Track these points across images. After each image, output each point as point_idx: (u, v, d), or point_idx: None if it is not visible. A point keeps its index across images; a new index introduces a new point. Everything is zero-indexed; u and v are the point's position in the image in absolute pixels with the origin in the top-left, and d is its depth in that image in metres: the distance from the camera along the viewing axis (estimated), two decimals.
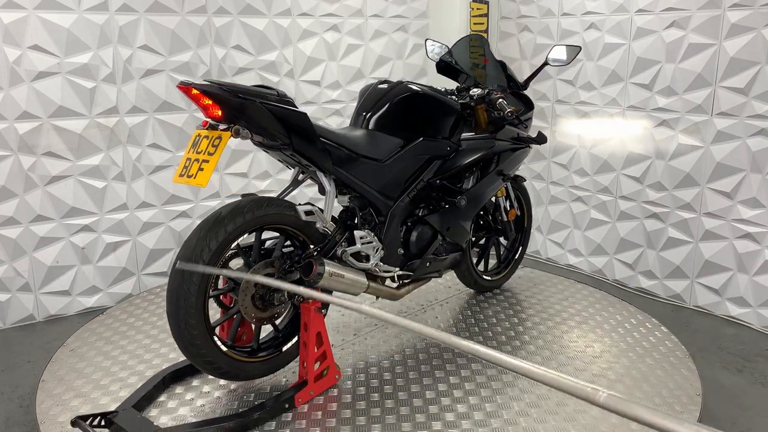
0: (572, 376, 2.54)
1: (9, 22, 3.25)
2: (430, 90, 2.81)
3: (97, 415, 2.24)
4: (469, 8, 4.48)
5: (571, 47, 3.02)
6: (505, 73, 3.10)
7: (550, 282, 3.74)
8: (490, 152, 3.02)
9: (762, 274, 3.41)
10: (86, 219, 3.62)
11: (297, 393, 2.36)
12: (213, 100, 2.10)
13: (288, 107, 2.26)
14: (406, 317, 3.12)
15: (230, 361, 2.31)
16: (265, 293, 2.35)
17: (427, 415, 2.32)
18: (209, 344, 2.22)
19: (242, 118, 2.16)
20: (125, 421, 2.20)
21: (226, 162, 4.01)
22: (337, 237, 2.50)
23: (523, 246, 3.69)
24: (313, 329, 2.36)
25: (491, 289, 3.56)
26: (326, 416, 2.32)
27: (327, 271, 2.32)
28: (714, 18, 3.42)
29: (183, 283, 2.14)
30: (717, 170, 3.52)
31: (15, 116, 3.34)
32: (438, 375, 2.61)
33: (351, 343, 2.91)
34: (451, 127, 2.85)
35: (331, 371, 2.49)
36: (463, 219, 2.97)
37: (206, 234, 2.18)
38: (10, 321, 3.52)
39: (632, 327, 3.02)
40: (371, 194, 2.61)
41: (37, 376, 2.81)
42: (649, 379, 2.53)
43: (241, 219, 2.23)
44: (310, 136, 2.32)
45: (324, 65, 4.26)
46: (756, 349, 3.27)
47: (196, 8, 3.75)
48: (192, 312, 2.15)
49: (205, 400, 2.48)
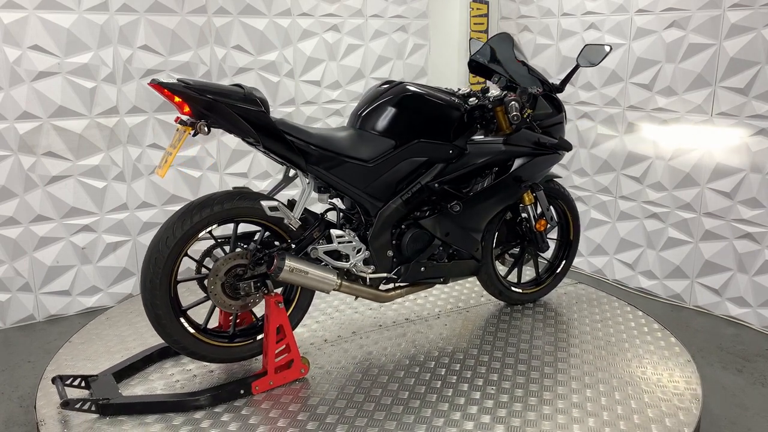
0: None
1: (9, 22, 3.25)
2: (430, 91, 2.71)
3: (78, 376, 2.40)
4: (469, 8, 4.48)
5: (600, 46, 2.83)
6: (536, 75, 2.94)
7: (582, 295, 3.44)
8: (499, 157, 2.83)
9: (762, 274, 3.41)
10: (86, 219, 3.62)
11: (256, 381, 2.43)
12: (180, 98, 2.23)
13: (247, 106, 2.30)
14: (408, 322, 3.12)
15: (196, 342, 2.44)
16: (232, 282, 2.44)
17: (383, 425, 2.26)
18: (174, 324, 2.38)
19: (209, 115, 2.28)
20: (97, 385, 2.38)
21: (226, 162, 4.01)
22: (315, 234, 2.53)
23: (567, 260, 3.36)
24: (274, 322, 2.43)
25: (523, 302, 3.28)
26: (278, 407, 2.36)
27: (287, 266, 2.38)
28: (714, 18, 3.42)
29: (149, 264, 2.31)
30: (717, 170, 3.52)
31: (15, 116, 3.34)
32: (419, 390, 2.46)
33: (344, 340, 2.91)
34: (455, 130, 2.73)
35: (296, 364, 2.51)
36: (467, 225, 2.84)
37: (174, 222, 2.33)
38: (10, 321, 3.52)
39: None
40: (356, 194, 2.60)
41: (37, 376, 2.81)
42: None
43: (208, 210, 2.35)
44: (274, 134, 2.38)
45: (324, 65, 4.26)
46: (756, 349, 3.27)
47: (196, 8, 3.75)
48: (156, 293, 2.32)
49: (183, 377, 2.56)
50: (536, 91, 2.86)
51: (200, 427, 2.23)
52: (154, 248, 2.31)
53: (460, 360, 2.70)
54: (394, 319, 3.11)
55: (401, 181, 2.67)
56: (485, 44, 2.98)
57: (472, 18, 4.51)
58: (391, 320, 3.09)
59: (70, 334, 3.04)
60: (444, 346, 2.82)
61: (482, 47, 2.98)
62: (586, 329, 3.00)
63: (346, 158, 2.53)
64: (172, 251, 2.32)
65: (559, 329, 3.01)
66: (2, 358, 3.19)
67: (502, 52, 2.93)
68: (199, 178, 3.91)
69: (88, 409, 2.27)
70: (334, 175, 2.52)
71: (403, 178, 2.67)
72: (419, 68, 4.66)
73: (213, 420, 2.28)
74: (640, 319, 3.09)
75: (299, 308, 2.68)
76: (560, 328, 3.02)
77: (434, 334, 2.94)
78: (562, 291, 3.47)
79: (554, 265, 3.37)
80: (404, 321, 3.09)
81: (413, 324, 3.05)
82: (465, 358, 2.71)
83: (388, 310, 3.21)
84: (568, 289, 3.51)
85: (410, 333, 2.96)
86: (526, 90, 2.76)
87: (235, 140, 3.96)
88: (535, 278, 3.35)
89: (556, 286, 3.40)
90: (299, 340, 2.87)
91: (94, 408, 2.28)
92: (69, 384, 2.38)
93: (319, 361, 2.71)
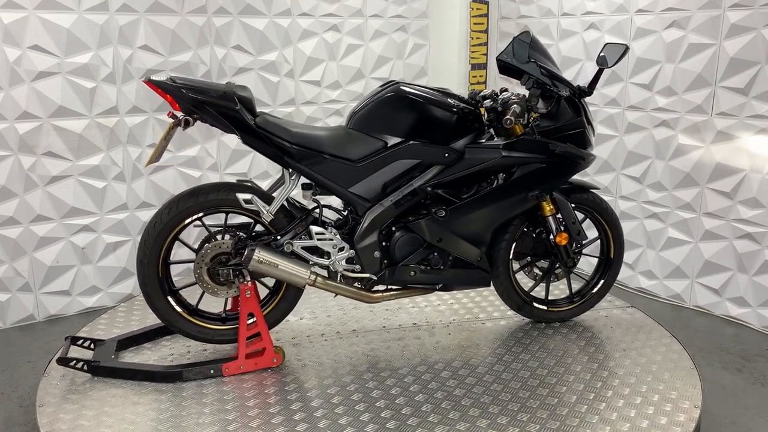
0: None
1: (9, 22, 3.25)
2: (423, 92, 2.64)
3: (88, 339, 2.73)
4: (469, 8, 4.48)
5: (618, 45, 2.67)
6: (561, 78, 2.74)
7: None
8: (498, 163, 2.64)
9: (762, 274, 3.41)
10: (86, 219, 3.62)
11: (227, 363, 2.57)
12: (169, 96, 2.44)
13: (220, 102, 2.45)
14: (415, 327, 3.11)
15: (183, 321, 2.65)
16: (215, 269, 2.59)
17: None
18: (161, 302, 2.60)
19: (195, 111, 2.47)
20: (100, 349, 2.68)
21: (226, 162, 4.01)
22: (298, 229, 2.62)
23: (604, 280, 3.05)
24: (244, 309, 2.57)
25: (548, 320, 3.03)
26: (243, 391, 2.46)
27: (256, 257, 2.50)
28: (714, 18, 3.42)
29: (140, 246, 2.57)
30: (717, 170, 3.52)
31: (15, 116, 3.34)
32: (400, 401, 2.38)
33: (339, 337, 2.92)
34: (450, 132, 2.63)
35: (268, 353, 2.61)
36: (462, 232, 2.70)
37: (163, 209, 2.55)
38: (10, 321, 3.52)
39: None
40: (341, 193, 2.63)
41: (37, 376, 2.81)
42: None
43: (194, 200, 2.53)
44: (249, 131, 2.51)
45: (324, 65, 4.26)
46: (756, 349, 3.27)
47: (196, 8, 3.75)
48: (145, 272, 2.56)
49: (178, 353, 2.76)
50: (560, 93, 2.66)
51: (182, 395, 2.42)
52: (144, 232, 2.56)
53: (437, 373, 2.57)
54: (401, 322, 3.05)
55: (392, 183, 2.63)
56: (510, 43, 2.74)
57: (472, 18, 4.51)
58: (397, 324, 3.04)
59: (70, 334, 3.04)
60: (434, 357, 2.71)
61: (507, 46, 2.76)
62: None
63: (329, 157, 2.58)
64: (159, 235, 2.54)
65: (568, 353, 2.76)
66: (2, 358, 3.19)
67: (530, 51, 2.70)
68: (199, 178, 3.91)
69: (81, 368, 2.53)
70: (318, 172, 2.59)
71: (394, 179, 2.63)
72: (419, 68, 4.66)
73: (195, 391, 2.47)
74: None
75: (285, 300, 2.75)
76: (571, 353, 2.76)
77: (431, 344, 2.83)
78: (603, 314, 3.14)
79: (590, 284, 3.09)
80: (411, 326, 3.01)
81: (417, 330, 2.98)
82: (443, 369, 2.60)
83: (402, 312, 3.14)
84: (613, 313, 3.15)
85: (408, 338, 2.90)
86: (536, 93, 2.63)
87: (234, 140, 3.97)
88: (568, 296, 3.09)
89: (592, 308, 3.10)
90: (298, 331, 2.96)
91: (85, 367, 2.54)
92: (80, 344, 2.70)
93: (302, 353, 2.77)
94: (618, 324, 2.99)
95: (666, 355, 2.72)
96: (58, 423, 2.27)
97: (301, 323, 3.04)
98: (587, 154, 2.76)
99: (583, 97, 2.74)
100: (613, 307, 2.79)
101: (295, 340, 2.88)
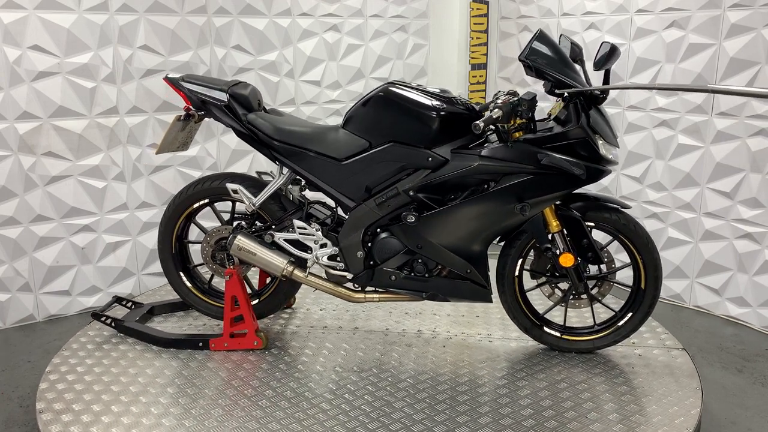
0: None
1: (9, 22, 3.25)
2: (410, 93, 2.53)
3: (132, 301, 3.18)
4: (469, 8, 4.48)
5: (605, 44, 2.52)
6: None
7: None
8: (473, 171, 2.46)
9: (762, 274, 3.41)
10: (86, 219, 3.62)
11: (213, 339, 2.81)
12: (181, 93, 2.78)
13: (212, 99, 2.70)
14: (416, 335, 3.11)
15: (192, 296, 2.99)
16: (215, 251, 2.86)
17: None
18: (173, 276, 2.97)
19: (202, 108, 2.77)
20: (134, 311, 3.10)
21: (226, 162, 4.01)
22: (285, 222, 2.77)
23: (633, 314, 2.69)
24: (229, 292, 2.77)
25: (563, 349, 2.75)
26: (221, 371, 2.63)
27: (236, 244, 2.72)
28: (714, 18, 3.42)
29: (160, 225, 2.92)
30: (717, 170, 3.52)
31: (15, 116, 3.34)
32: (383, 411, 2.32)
33: (336, 332, 2.95)
34: (434, 136, 2.50)
35: (249, 335, 2.79)
36: (441, 241, 2.55)
37: (176, 194, 2.88)
38: (10, 321, 3.52)
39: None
40: (327, 190, 2.70)
41: (37, 376, 2.81)
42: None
43: (199, 187, 2.82)
44: (237, 127, 2.73)
45: (324, 65, 4.26)
46: (756, 349, 3.27)
47: (196, 8, 3.75)
48: (162, 248, 2.93)
49: (187, 325, 3.06)
50: (573, 100, 2.44)
51: (179, 401, 2.43)
52: (163, 213, 2.90)
53: (406, 390, 2.47)
54: (405, 327, 3.01)
55: (377, 184, 2.59)
56: (528, 44, 2.47)
57: (472, 18, 4.51)
58: (401, 328, 3.00)
59: (71, 334, 3.04)
60: (412, 371, 2.60)
61: (525, 47, 2.47)
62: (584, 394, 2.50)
63: (315, 154, 2.65)
64: (171, 216, 2.88)
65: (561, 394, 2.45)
66: (2, 358, 3.19)
67: (549, 50, 2.48)
68: None
69: (109, 324, 2.95)
70: (305, 169, 2.69)
71: (379, 180, 2.58)
72: (419, 68, 4.66)
73: (186, 356, 2.74)
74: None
75: (279, 290, 2.93)
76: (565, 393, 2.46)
77: (415, 355, 2.73)
78: (637, 351, 2.78)
79: (616, 315, 2.75)
80: (414, 333, 2.94)
81: (417, 338, 2.89)
82: (415, 384, 2.50)
83: (413, 317, 3.09)
84: (655, 355, 2.75)
85: (399, 346, 2.81)
86: (534, 97, 2.43)
87: (234, 140, 3.97)
88: (591, 326, 2.80)
89: (617, 343, 2.74)
90: (307, 319, 3.13)
91: (111, 323, 2.95)
92: (124, 304, 3.15)
93: (294, 342, 2.88)
94: (647, 365, 2.66)
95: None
96: (58, 423, 2.27)
97: (310, 313, 3.18)
98: (587, 167, 2.43)
99: (596, 102, 2.47)
100: (655, 347, 2.55)
101: (298, 328, 3.03)
